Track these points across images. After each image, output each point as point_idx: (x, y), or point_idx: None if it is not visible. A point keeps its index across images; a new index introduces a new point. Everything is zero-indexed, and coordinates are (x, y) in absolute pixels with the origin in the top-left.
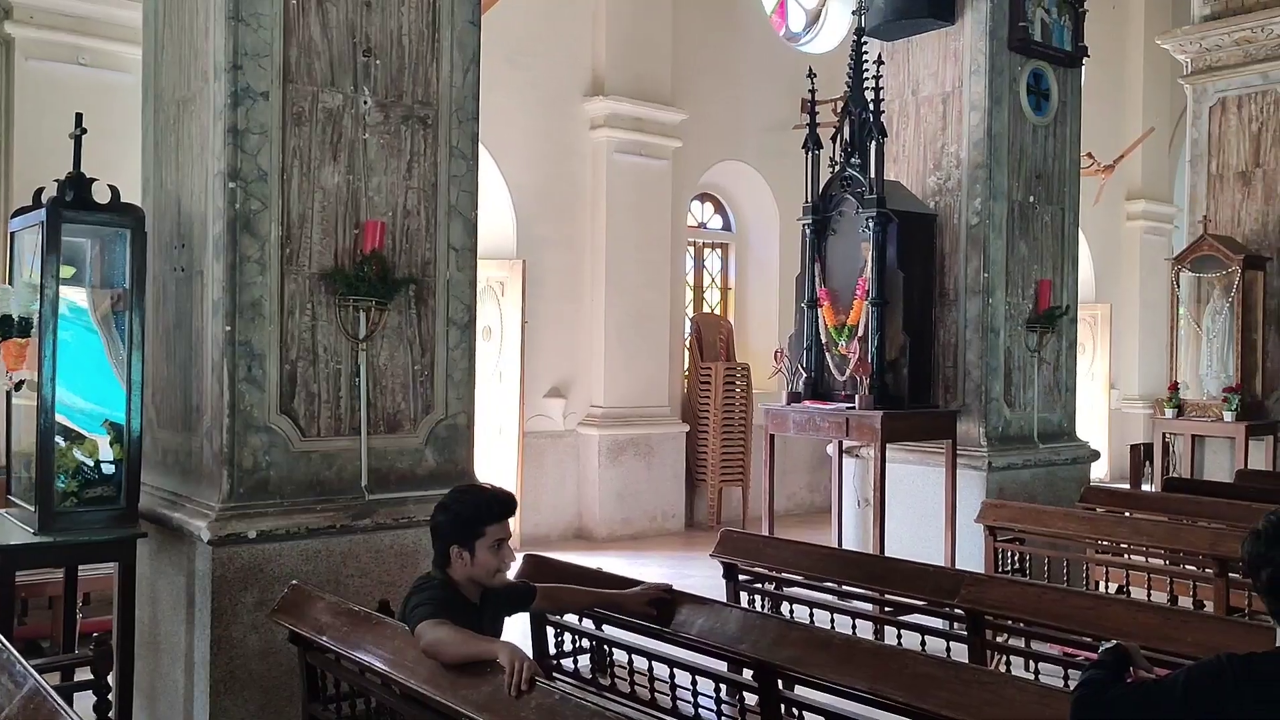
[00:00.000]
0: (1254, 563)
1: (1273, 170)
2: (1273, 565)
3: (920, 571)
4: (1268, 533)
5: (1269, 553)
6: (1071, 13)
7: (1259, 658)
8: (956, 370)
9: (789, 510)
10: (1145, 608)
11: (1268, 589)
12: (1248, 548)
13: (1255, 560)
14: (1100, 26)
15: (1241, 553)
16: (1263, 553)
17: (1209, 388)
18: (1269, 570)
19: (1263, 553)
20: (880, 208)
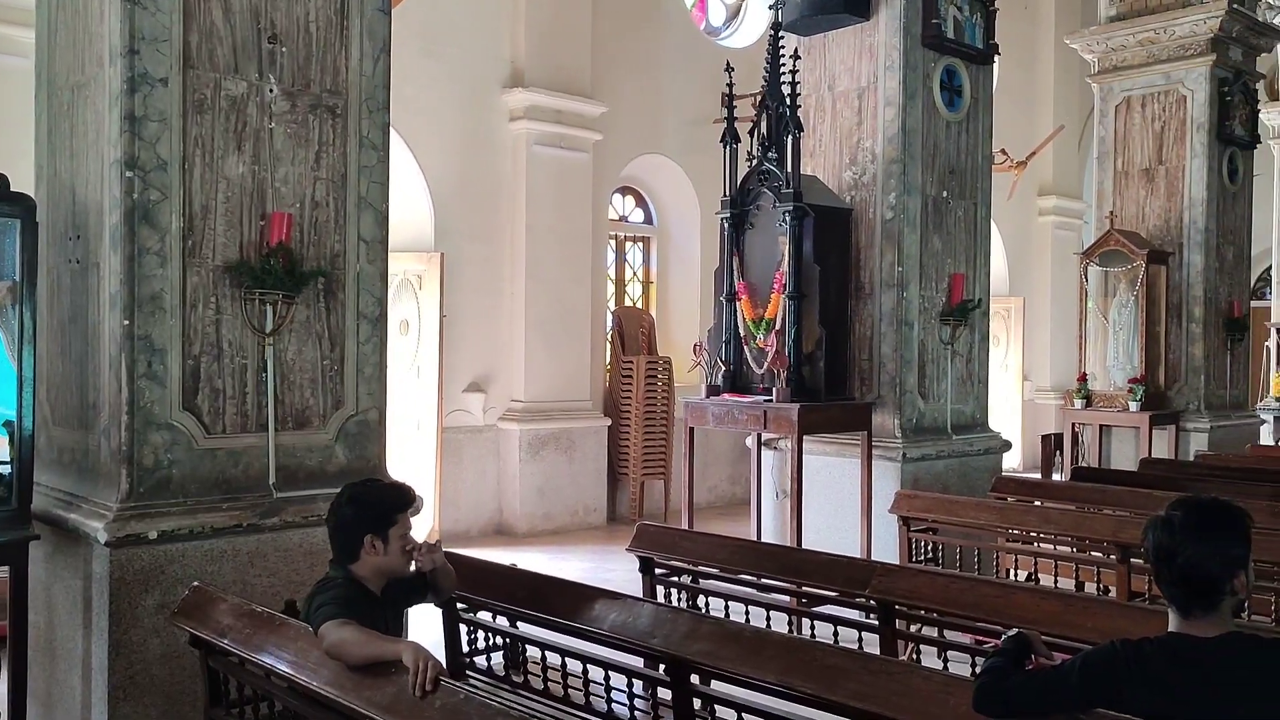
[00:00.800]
0: (1165, 551)
1: (1175, 168)
2: (1184, 556)
3: (832, 562)
4: (1182, 524)
5: (1183, 544)
6: (983, 11)
7: (1150, 642)
8: (872, 363)
9: (711, 502)
10: (1048, 595)
11: (1182, 578)
12: (1156, 537)
13: (1166, 549)
14: (1013, 26)
15: (1146, 541)
16: (1177, 543)
17: (1116, 379)
18: (1182, 559)
19: (1177, 543)
20: (797, 202)
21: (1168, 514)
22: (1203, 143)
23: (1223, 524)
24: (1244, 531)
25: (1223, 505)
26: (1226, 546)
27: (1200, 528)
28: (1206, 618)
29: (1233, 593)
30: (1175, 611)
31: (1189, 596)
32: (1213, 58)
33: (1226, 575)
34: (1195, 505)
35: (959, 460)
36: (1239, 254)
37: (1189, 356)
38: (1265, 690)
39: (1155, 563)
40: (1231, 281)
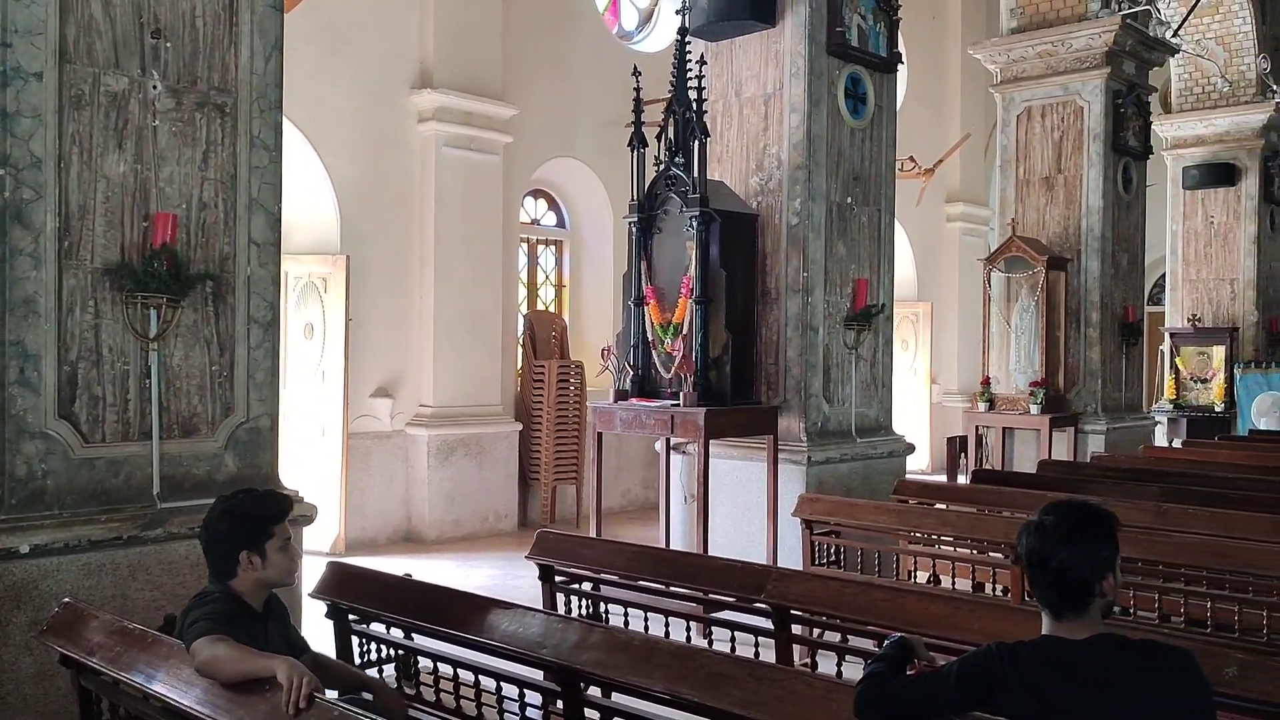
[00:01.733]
0: (1038, 556)
1: (1073, 176)
2: (1057, 560)
3: (728, 567)
4: (1054, 529)
5: (1055, 548)
6: (887, 20)
7: (1024, 645)
8: (778, 367)
9: (624, 507)
10: (937, 598)
11: (1055, 581)
12: (1029, 542)
13: (1038, 554)
14: (922, 36)
15: (1020, 546)
16: (1049, 548)
17: (1018, 382)
18: (1054, 563)
19: (1049, 548)
20: (703, 207)
21: (1040, 519)
22: (1099, 153)
23: (1091, 527)
24: (1111, 534)
25: (1091, 509)
26: (1095, 549)
27: (1071, 532)
28: (1078, 620)
29: (1102, 594)
30: (1048, 614)
31: (1061, 599)
32: (1107, 70)
33: (1096, 578)
34: (1065, 510)
35: (863, 463)
36: (1133, 261)
37: (1087, 360)
38: (1130, 691)
39: (1029, 567)
40: (1126, 287)
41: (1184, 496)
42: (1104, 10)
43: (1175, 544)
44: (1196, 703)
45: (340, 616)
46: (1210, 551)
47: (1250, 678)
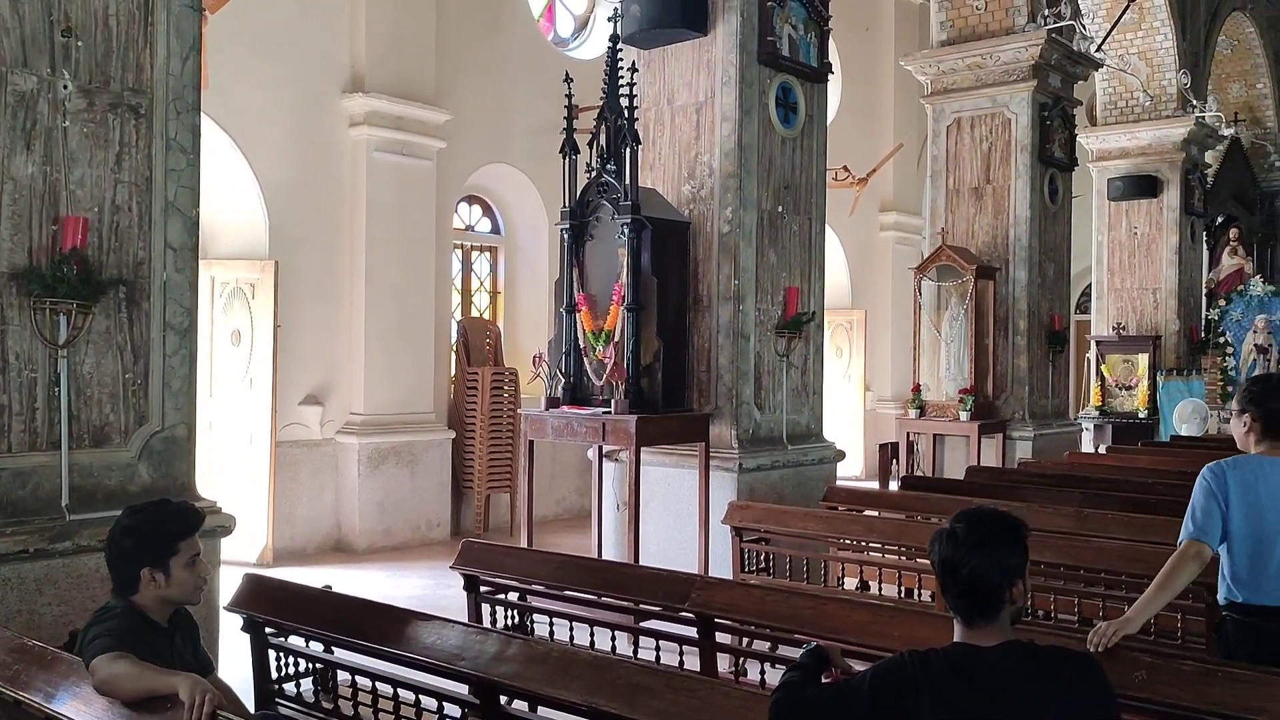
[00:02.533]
0: (950, 564)
1: (1001, 187)
2: (969, 567)
3: (654, 576)
4: (967, 537)
5: (966, 556)
6: (818, 30)
7: (935, 653)
8: (710, 374)
9: (559, 515)
10: (859, 605)
11: (967, 589)
12: (942, 550)
13: (951, 562)
14: (856, 47)
15: (932, 555)
16: (961, 555)
17: (948, 389)
18: (965, 571)
19: (961, 555)
20: (635, 214)
21: (951, 527)
22: (1026, 164)
23: (1002, 535)
24: (1021, 541)
25: (1002, 517)
26: (1005, 557)
27: (981, 540)
28: (989, 626)
29: (1011, 601)
30: (960, 621)
31: (972, 607)
32: (1034, 83)
33: (1006, 584)
34: (976, 518)
35: (794, 470)
36: (1059, 270)
37: (1014, 368)
38: (1037, 697)
39: (941, 575)
40: (1053, 296)
41: (1106, 502)
42: (1030, 25)
43: (1094, 549)
44: (1101, 708)
45: (257, 630)
46: (1126, 556)
47: (1159, 681)
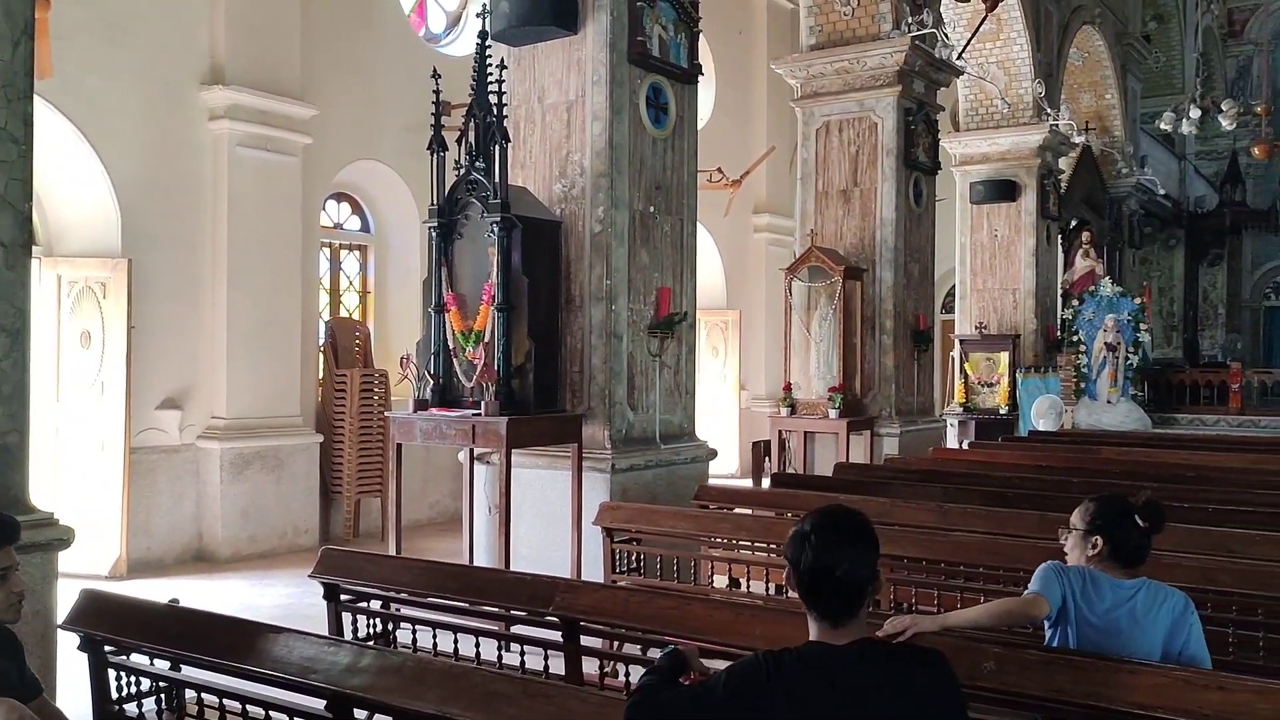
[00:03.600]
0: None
1: (868, 190)
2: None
3: (518, 581)
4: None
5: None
6: (688, 31)
7: (789, 652)
8: (582, 375)
9: (433, 519)
10: (720, 605)
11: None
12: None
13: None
14: (730, 50)
15: (792, 555)
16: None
17: (818, 388)
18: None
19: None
20: (505, 213)
21: (810, 529)
22: (892, 167)
23: (860, 533)
24: (875, 538)
25: (856, 515)
26: (868, 554)
27: (848, 539)
28: (849, 625)
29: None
30: (824, 622)
31: (843, 607)
32: (899, 89)
33: (870, 582)
34: (840, 517)
35: (667, 469)
36: (924, 271)
37: (881, 366)
38: (887, 694)
39: (811, 578)
40: (918, 296)
41: (967, 496)
42: (895, 31)
43: (953, 542)
44: (949, 703)
45: (95, 648)
46: (984, 549)
47: (1006, 671)
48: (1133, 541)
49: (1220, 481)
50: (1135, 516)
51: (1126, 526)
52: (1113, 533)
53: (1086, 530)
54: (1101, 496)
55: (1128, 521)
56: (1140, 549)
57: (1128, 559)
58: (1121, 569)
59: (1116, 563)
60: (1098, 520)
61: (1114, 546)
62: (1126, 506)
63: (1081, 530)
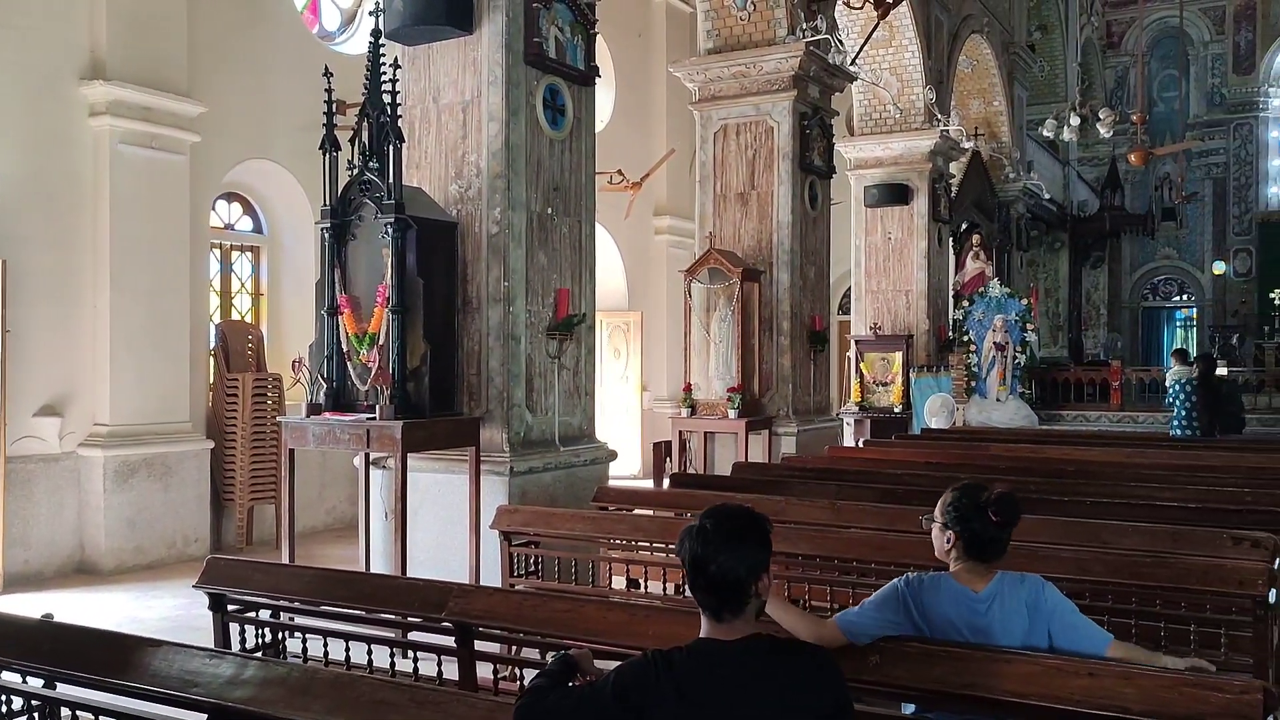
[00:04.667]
0: (698, 560)
1: (765, 193)
2: (717, 563)
3: (410, 587)
4: (714, 533)
5: (715, 552)
6: (584, 33)
7: (679, 650)
8: (480, 377)
9: (330, 525)
10: (615, 607)
11: (715, 584)
12: (691, 546)
13: (700, 558)
14: (629, 53)
15: (682, 550)
16: (710, 551)
17: (718, 388)
18: (714, 567)
19: (710, 551)
20: (399, 214)
21: (700, 523)
22: (788, 171)
23: (748, 530)
24: (765, 537)
25: (748, 513)
26: (751, 552)
27: (729, 535)
28: (734, 621)
29: (756, 595)
30: (708, 617)
31: (720, 602)
32: (795, 93)
33: (751, 579)
34: (724, 514)
35: (566, 471)
36: (820, 273)
37: (779, 367)
38: (775, 690)
39: (690, 571)
40: (815, 298)
41: (860, 493)
42: (790, 37)
43: (845, 539)
44: (832, 697)
45: None
46: (874, 545)
47: (889, 664)
48: (985, 535)
49: (1099, 475)
50: (989, 511)
51: (979, 520)
52: (965, 527)
53: (943, 524)
54: (959, 488)
55: (980, 515)
56: (993, 542)
57: (980, 553)
58: (978, 563)
59: (971, 557)
60: (951, 513)
61: (967, 541)
62: (979, 500)
63: (940, 523)
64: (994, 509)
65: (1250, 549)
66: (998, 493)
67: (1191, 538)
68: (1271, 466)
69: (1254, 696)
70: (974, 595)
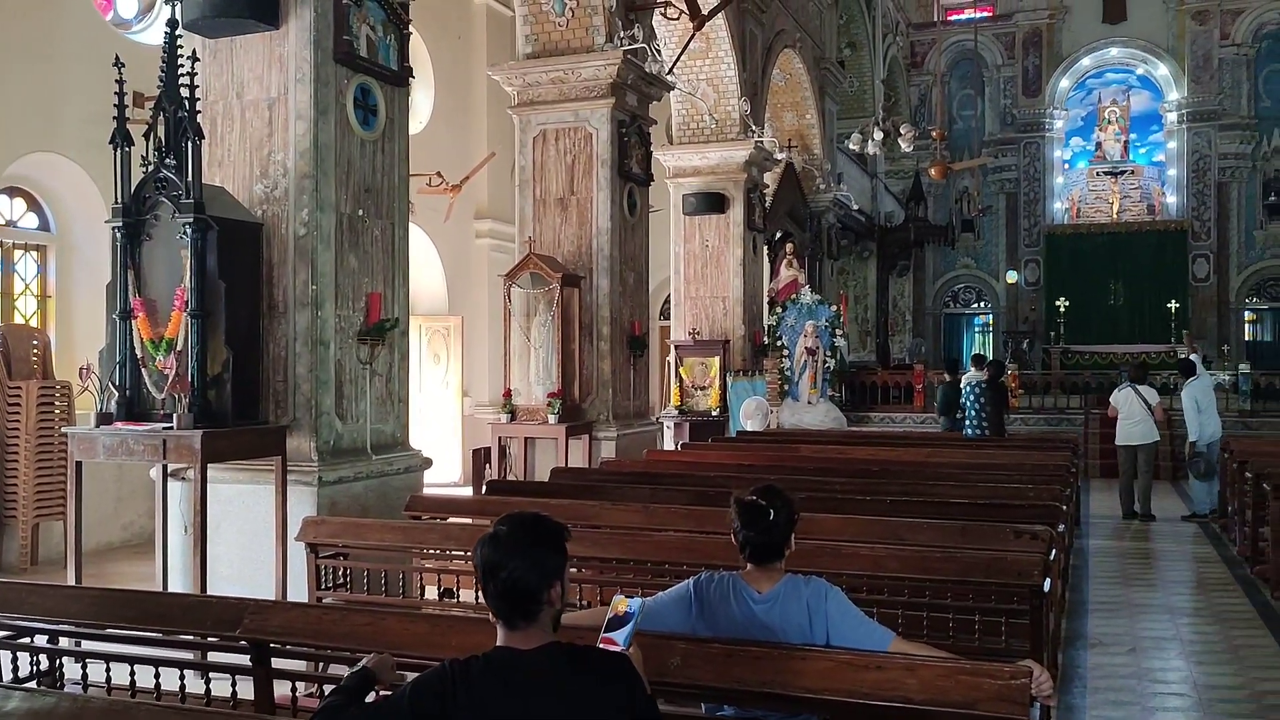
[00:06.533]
0: (490, 567)
1: (584, 199)
2: (508, 570)
3: (202, 604)
4: (506, 540)
5: (505, 559)
6: (397, 33)
7: (476, 659)
8: (287, 384)
9: (127, 541)
10: (419, 618)
11: (506, 592)
12: (484, 553)
13: (491, 564)
14: (449, 54)
15: (476, 557)
16: (501, 558)
17: (538, 393)
18: (505, 574)
19: (501, 558)
20: (199, 213)
21: (495, 530)
22: (607, 177)
23: (542, 537)
24: (560, 544)
25: (542, 520)
26: (544, 559)
27: (522, 542)
28: (528, 629)
29: (550, 603)
30: (501, 625)
31: (512, 609)
32: (613, 101)
33: (544, 586)
34: (519, 521)
35: (379, 480)
36: (639, 279)
37: (599, 371)
38: (573, 696)
39: (483, 578)
40: (634, 303)
41: (674, 496)
42: (608, 45)
43: (656, 542)
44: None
45: None
46: (683, 547)
47: (690, 665)
48: (754, 540)
49: (900, 474)
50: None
51: (747, 525)
52: (738, 532)
53: (732, 526)
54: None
55: (745, 520)
56: (762, 547)
57: (754, 556)
58: (759, 565)
59: (751, 560)
60: (733, 520)
61: (742, 544)
62: (746, 506)
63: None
64: (736, 511)
65: (1029, 541)
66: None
67: (979, 532)
68: (1051, 464)
69: (1022, 681)
70: (757, 596)
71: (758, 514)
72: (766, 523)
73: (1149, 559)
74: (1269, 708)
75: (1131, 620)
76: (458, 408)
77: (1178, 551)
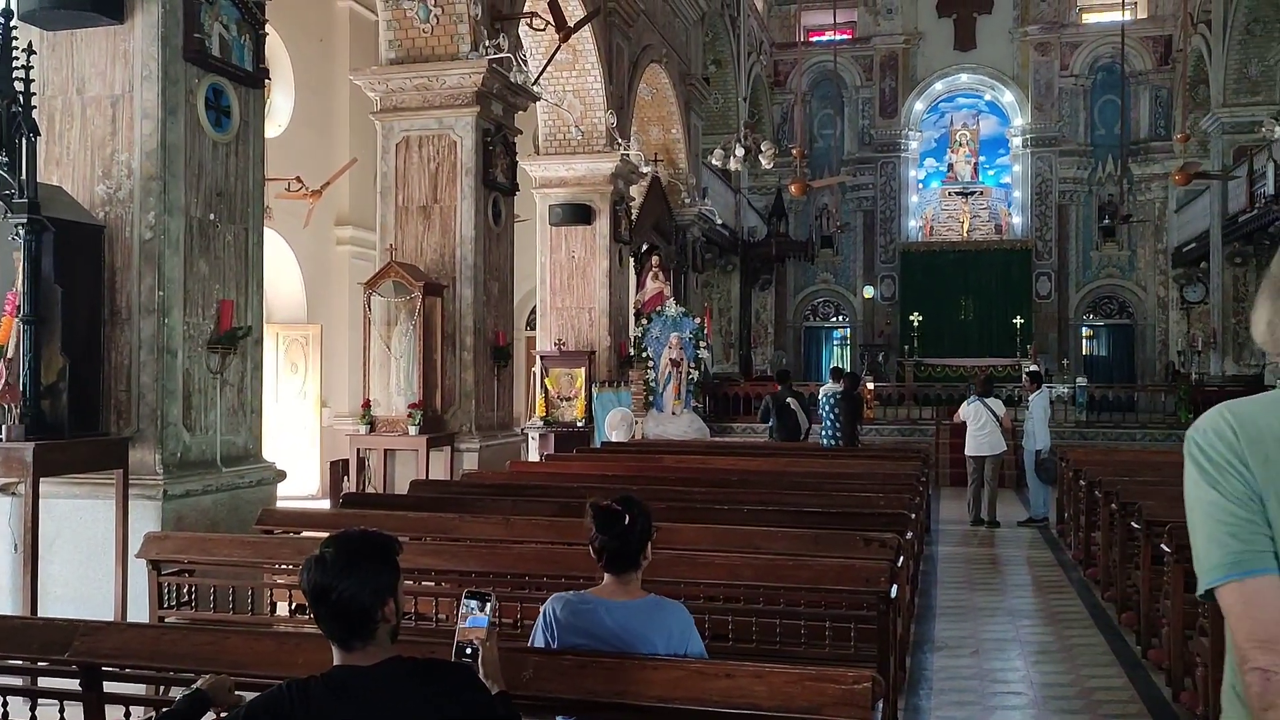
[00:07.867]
0: (320, 589)
1: (448, 207)
2: (338, 591)
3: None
4: (333, 561)
5: (335, 580)
6: (252, 33)
7: (316, 679)
8: (131, 394)
9: None
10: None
11: (339, 613)
12: (311, 576)
13: (320, 587)
14: (311, 58)
15: (303, 581)
16: (329, 580)
17: (398, 404)
18: (335, 596)
19: (329, 580)
20: (33, 214)
21: (320, 552)
22: (471, 186)
23: (371, 554)
24: (390, 559)
25: (371, 537)
26: (374, 576)
27: (351, 561)
28: (366, 648)
29: (385, 620)
30: (336, 647)
31: (347, 630)
32: (478, 109)
33: (378, 604)
34: (345, 541)
35: (230, 494)
36: (504, 289)
37: (462, 382)
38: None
39: (312, 601)
40: (498, 313)
41: (536, 508)
42: (473, 53)
43: (516, 554)
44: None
45: None
46: (543, 559)
47: (543, 677)
48: (609, 546)
49: (758, 484)
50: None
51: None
52: (594, 539)
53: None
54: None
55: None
56: (618, 554)
57: (609, 565)
58: (614, 575)
59: (606, 569)
60: (589, 527)
61: (597, 554)
62: (602, 511)
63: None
64: (592, 517)
65: (879, 549)
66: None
67: (831, 540)
68: (902, 473)
69: (864, 686)
70: (614, 605)
71: (613, 519)
72: (622, 527)
73: (994, 564)
74: (1096, 703)
75: (976, 624)
76: (316, 419)
77: (1019, 556)
